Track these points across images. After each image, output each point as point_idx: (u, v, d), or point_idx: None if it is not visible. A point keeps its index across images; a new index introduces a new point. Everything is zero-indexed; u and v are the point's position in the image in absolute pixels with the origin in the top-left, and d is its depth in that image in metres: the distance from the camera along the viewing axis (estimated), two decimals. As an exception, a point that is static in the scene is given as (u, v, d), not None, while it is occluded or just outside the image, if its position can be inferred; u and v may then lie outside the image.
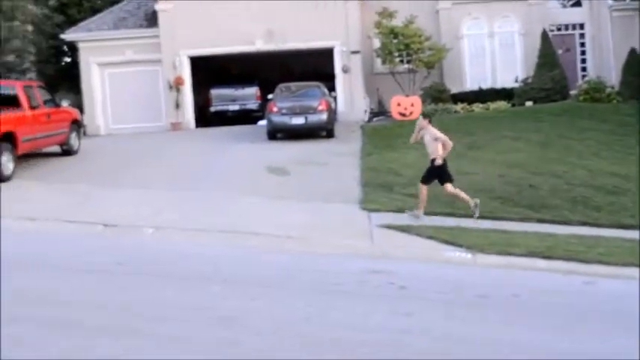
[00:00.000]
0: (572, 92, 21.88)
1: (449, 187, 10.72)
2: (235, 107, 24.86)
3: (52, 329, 5.56)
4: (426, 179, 10.79)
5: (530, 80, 22.39)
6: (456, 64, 23.95)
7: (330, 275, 7.51)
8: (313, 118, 18.37)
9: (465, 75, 24.14)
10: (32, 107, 15.06)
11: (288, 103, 18.70)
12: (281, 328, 5.67)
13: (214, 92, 25.01)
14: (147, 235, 9.63)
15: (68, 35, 24.81)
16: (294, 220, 10.30)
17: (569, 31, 24.57)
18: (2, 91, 15.41)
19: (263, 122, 20.64)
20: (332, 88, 22.17)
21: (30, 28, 28.21)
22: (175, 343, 5.30)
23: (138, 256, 8.30)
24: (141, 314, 6.01)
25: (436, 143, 10.72)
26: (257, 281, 7.16)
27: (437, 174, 10.77)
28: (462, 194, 10.74)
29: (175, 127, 22.98)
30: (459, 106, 21.51)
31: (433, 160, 10.71)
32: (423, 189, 10.70)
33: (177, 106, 23.32)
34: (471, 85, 23.73)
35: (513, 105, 21.69)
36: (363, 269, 7.71)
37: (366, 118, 22.42)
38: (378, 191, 12.02)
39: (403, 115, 20.96)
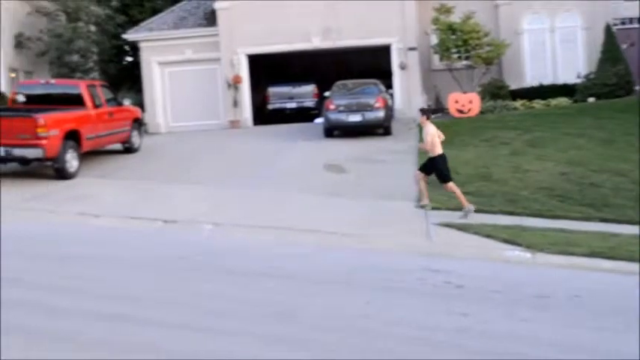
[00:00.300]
0: (637, 88, 21.26)
1: (450, 185, 10.87)
2: (292, 105, 24.98)
3: (113, 321, 5.71)
4: (424, 170, 11.20)
5: (592, 76, 21.83)
6: (515, 60, 23.53)
7: (388, 273, 7.50)
8: (370, 116, 18.33)
9: (525, 71, 23.70)
10: (95, 106, 15.45)
11: (345, 101, 18.70)
12: (340, 324, 5.70)
13: (272, 90, 25.20)
14: (206, 231, 9.77)
15: (130, 35, 25.35)
16: (351, 217, 10.32)
17: (634, 25, 23.83)
18: (67, 91, 15.87)
19: (320, 120, 20.70)
20: (389, 85, 22.08)
21: (93, 28, 28.95)
22: (232, 337, 5.38)
23: (197, 251, 8.44)
24: (199, 307, 6.12)
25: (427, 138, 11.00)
26: (315, 278, 7.20)
27: (433, 168, 11.00)
28: (460, 195, 10.72)
29: (233, 124, 23.25)
30: (518, 103, 21.14)
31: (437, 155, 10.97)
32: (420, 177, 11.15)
33: (235, 104, 23.58)
34: (531, 81, 23.26)
35: (575, 101, 21.18)
36: (420, 267, 7.67)
37: (424, 115, 22.23)
38: (436, 189, 11.92)
39: (461, 112, 20.73)
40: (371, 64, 23.13)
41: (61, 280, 7.04)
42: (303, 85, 25.16)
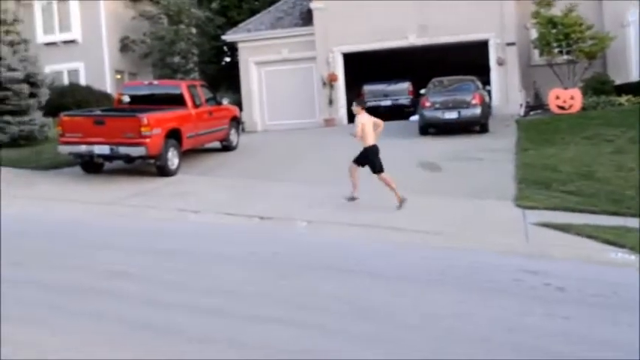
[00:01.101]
0: None
1: (382, 175, 11.09)
2: (387, 103, 24.91)
3: (211, 315, 5.86)
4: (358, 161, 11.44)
5: None
6: (620, 54, 22.53)
7: (483, 273, 7.36)
8: (466, 113, 18.04)
9: (631, 65, 22.62)
10: (196, 105, 15.92)
11: (440, 98, 18.48)
12: (429, 323, 5.64)
13: (367, 88, 25.20)
14: (300, 227, 9.89)
15: (229, 36, 25.97)
16: (445, 215, 10.19)
17: None
18: (169, 91, 16.44)
19: (415, 117, 20.54)
20: (486, 81, 21.64)
21: (194, 30, 29.82)
22: (324, 333, 5.43)
23: (290, 248, 8.56)
24: (292, 302, 6.21)
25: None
26: (405, 276, 7.16)
27: (365, 159, 11.29)
28: (393, 188, 10.91)
29: (329, 123, 23.41)
30: (623, 99, 20.22)
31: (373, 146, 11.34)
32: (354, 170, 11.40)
33: (331, 102, 23.74)
34: (637, 75, 22.23)
35: (684, 96, 20.11)
36: (517, 268, 7.48)
37: (522, 112, 21.69)
38: (534, 188, 11.59)
39: (562, 108, 20.04)
40: (467, 60, 22.74)
41: (163, 273, 7.30)
42: (398, 83, 25.06)
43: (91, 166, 14.86)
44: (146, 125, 13.54)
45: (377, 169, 11.15)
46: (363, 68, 25.12)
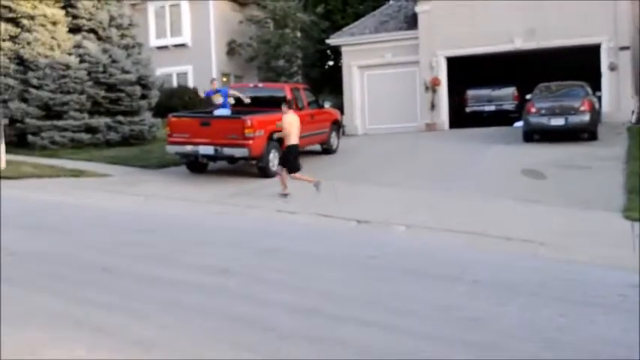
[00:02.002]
0: None
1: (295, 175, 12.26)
2: (491, 108, 24.43)
3: (307, 314, 5.92)
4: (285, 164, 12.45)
5: None
6: None
7: (588, 286, 7.08)
8: (574, 119, 17.43)
9: None
10: (298, 108, 16.14)
11: (547, 104, 17.95)
12: (531, 335, 5.48)
13: (470, 93, 24.81)
14: (398, 232, 9.84)
15: (332, 40, 26.16)
16: (549, 225, 9.87)
17: None
18: (273, 94, 16.75)
19: (519, 123, 20.02)
20: (596, 87, 20.82)
21: (299, 34, 30.23)
22: (419, 339, 5.37)
23: (388, 252, 8.52)
24: (387, 307, 6.17)
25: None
26: (507, 286, 6.98)
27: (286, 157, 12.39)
28: (306, 179, 12.28)
29: (430, 127, 23.19)
30: None
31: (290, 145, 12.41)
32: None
33: (433, 106, 23.49)
34: None
35: None
36: (624, 282, 7.14)
37: (634, 119, 20.72)
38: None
39: (678, 116, 19.02)
40: (576, 64, 21.95)
41: (262, 271, 7.44)
42: (503, 88, 24.53)
43: (196, 165, 15.35)
44: (249, 127, 13.85)
45: (290, 168, 12.24)
46: (467, 73, 24.73)
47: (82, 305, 6.08)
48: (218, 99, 16.10)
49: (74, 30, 19.83)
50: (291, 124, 12.31)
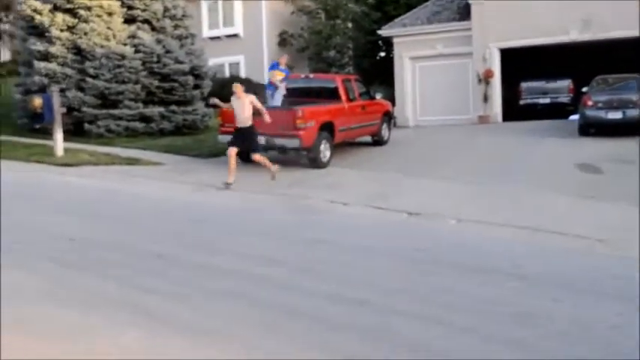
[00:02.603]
0: None
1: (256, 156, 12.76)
2: (546, 101, 24.00)
3: (352, 305, 5.94)
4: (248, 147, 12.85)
5: None
6: None
7: (645, 284, 6.91)
8: (632, 113, 16.99)
9: None
10: (349, 100, 16.13)
11: (604, 97, 17.53)
12: (585, 334, 5.39)
13: (524, 85, 24.42)
14: (449, 225, 9.76)
15: (384, 31, 26.03)
16: (605, 221, 9.65)
17: None
18: (324, 85, 16.77)
19: (574, 117, 19.63)
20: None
21: (350, 25, 30.17)
22: (466, 334, 5.33)
23: (438, 245, 8.47)
24: (436, 301, 6.14)
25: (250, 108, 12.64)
26: (560, 282, 6.86)
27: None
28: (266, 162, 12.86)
29: (482, 120, 22.91)
30: None
31: (251, 127, 12.76)
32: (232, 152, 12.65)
33: (486, 99, 23.21)
34: None
35: None
36: (683, 281, 6.96)
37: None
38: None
39: None
40: (635, 57, 21.37)
41: (311, 262, 7.47)
42: (558, 80, 24.06)
43: (248, 155, 15.46)
44: (301, 118, 13.90)
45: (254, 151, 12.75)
46: (521, 64, 24.31)
47: (137, 291, 6.21)
48: (275, 77, 16.11)
49: (129, 21, 20.16)
50: (244, 106, 12.64)
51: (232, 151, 12.70)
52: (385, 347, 5.07)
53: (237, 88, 12.95)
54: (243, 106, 12.74)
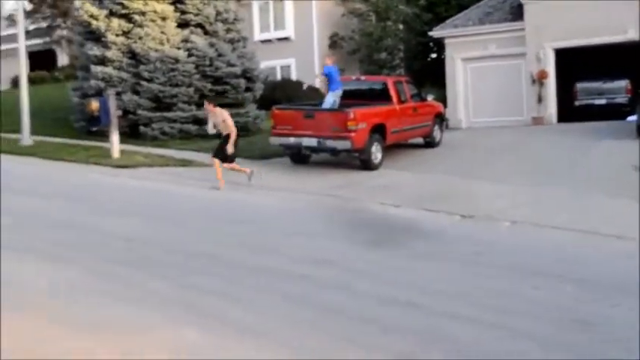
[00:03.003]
0: None
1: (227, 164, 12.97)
2: (601, 102, 23.45)
3: (403, 309, 5.91)
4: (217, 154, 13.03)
5: None
6: None
7: None
8: (693, 113, 16.50)
9: None
10: (401, 101, 16.07)
11: (663, 97, 17.06)
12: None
13: (579, 86, 23.91)
14: (502, 227, 9.64)
15: (435, 32, 25.82)
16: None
17: None
18: (375, 87, 16.74)
19: (632, 118, 19.13)
20: None
21: (401, 27, 30.04)
22: (522, 339, 5.26)
23: (492, 247, 8.37)
24: (490, 304, 6.07)
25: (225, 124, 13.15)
26: (618, 287, 6.71)
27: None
28: (238, 167, 13.23)
29: (536, 121, 22.52)
30: None
31: (228, 136, 13.06)
32: (216, 163, 12.91)
33: (540, 100, 22.81)
34: None
35: None
36: None
37: None
38: None
39: None
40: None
41: (361, 263, 7.48)
42: (615, 81, 23.46)
43: (299, 157, 15.55)
44: (352, 120, 13.90)
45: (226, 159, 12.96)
46: (576, 65, 23.81)
47: (190, 290, 6.31)
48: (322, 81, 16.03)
49: (182, 25, 20.46)
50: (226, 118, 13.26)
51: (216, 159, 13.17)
52: (435, 350, 5.04)
53: (208, 105, 13.75)
54: (218, 118, 13.40)
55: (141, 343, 4.99)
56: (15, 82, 30.31)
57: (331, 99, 15.52)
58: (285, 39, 29.29)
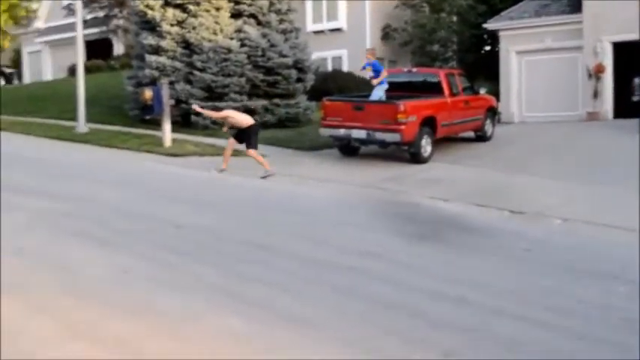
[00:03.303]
0: None
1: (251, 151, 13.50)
2: (662, 97, 22.84)
3: (452, 304, 5.87)
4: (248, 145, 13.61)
5: None
6: None
7: None
8: None
9: None
10: (452, 94, 15.91)
11: None
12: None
13: (638, 81, 23.31)
14: (553, 225, 9.47)
15: (490, 25, 25.48)
16: None
17: None
18: (427, 79, 16.60)
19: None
20: None
21: (455, 18, 29.71)
22: (572, 339, 5.17)
23: (542, 245, 8.24)
24: (540, 303, 5.98)
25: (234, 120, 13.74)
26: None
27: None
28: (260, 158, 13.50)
29: (592, 117, 22.05)
30: None
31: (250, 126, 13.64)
32: (251, 153, 13.55)
33: (596, 95, 22.31)
34: None
35: None
36: None
37: None
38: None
39: None
40: None
41: (409, 257, 7.45)
42: (675, 76, 22.82)
43: (348, 149, 15.55)
44: (402, 112, 13.83)
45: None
46: (635, 59, 23.19)
47: (238, 279, 6.38)
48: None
49: (236, 15, 20.59)
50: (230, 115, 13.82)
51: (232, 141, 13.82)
52: (488, 347, 4.99)
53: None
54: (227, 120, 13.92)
55: (189, 329, 5.08)
56: (72, 71, 31.03)
57: (379, 92, 15.45)
58: (338, 30, 29.27)
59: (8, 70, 39.56)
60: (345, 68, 28.02)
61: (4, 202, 9.19)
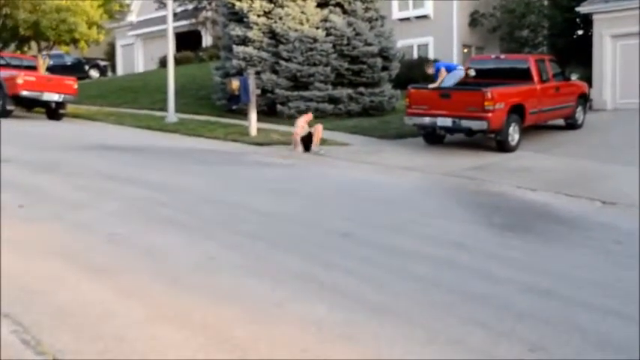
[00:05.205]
0: None
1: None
2: None
3: (538, 296, 5.74)
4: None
5: None
6: None
7: None
8: None
9: None
10: (542, 81, 15.49)
11: None
12: None
13: None
14: (647, 217, 9.10)
15: (583, 8, 24.57)
16: None
17: None
18: (515, 65, 16.22)
19: None
20: None
21: (546, 2, 28.85)
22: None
23: (634, 237, 7.93)
24: (628, 297, 5.77)
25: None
26: None
27: None
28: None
29: (692, 103, 20.97)
30: None
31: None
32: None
33: (697, 80, 21.22)
34: None
35: None
36: None
37: None
38: None
39: None
40: None
41: (494, 247, 7.33)
42: None
43: (433, 137, 15.40)
44: (490, 100, 13.57)
45: None
46: None
47: (323, 268, 6.43)
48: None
49: (321, 4, 20.68)
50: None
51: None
52: (576, 340, 4.86)
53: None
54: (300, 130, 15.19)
55: (273, 316, 5.17)
56: (163, 63, 31.94)
57: (451, 80, 15.30)
58: (424, 17, 28.92)
59: (102, 63, 41.07)
60: (432, 56, 27.68)
61: (101, 189, 9.60)
